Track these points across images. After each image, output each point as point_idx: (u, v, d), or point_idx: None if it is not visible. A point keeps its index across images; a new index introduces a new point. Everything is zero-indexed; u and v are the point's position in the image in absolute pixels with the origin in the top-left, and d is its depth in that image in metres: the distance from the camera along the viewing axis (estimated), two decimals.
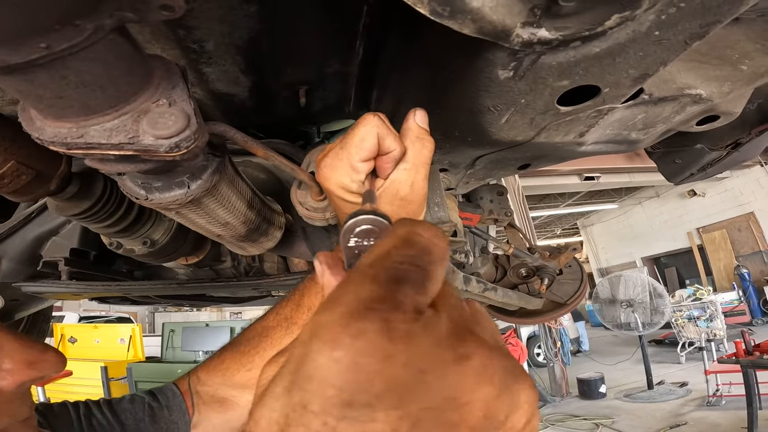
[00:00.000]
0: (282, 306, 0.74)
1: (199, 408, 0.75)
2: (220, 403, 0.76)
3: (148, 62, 0.47)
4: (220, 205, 0.69)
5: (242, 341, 0.77)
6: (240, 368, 0.75)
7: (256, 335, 0.76)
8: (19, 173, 0.63)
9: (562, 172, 9.31)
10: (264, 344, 0.74)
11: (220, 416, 0.77)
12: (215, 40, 0.75)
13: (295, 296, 0.72)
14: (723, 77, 0.81)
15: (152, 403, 0.72)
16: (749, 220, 12.12)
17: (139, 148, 0.45)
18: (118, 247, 0.94)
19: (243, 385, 0.76)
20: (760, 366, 4.45)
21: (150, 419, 0.71)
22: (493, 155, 0.95)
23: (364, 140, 0.51)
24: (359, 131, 0.51)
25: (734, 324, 9.65)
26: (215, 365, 0.78)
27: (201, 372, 0.79)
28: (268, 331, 0.74)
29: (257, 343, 0.75)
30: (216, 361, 0.79)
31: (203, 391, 0.77)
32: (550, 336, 7.69)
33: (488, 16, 0.43)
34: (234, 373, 0.76)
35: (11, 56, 0.35)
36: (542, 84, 0.60)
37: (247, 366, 0.75)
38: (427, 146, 0.55)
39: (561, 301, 1.71)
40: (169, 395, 0.74)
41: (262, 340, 0.74)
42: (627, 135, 0.89)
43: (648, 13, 0.49)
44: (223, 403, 0.76)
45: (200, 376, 0.78)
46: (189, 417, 0.73)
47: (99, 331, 7.39)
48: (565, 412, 6.58)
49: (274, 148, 0.67)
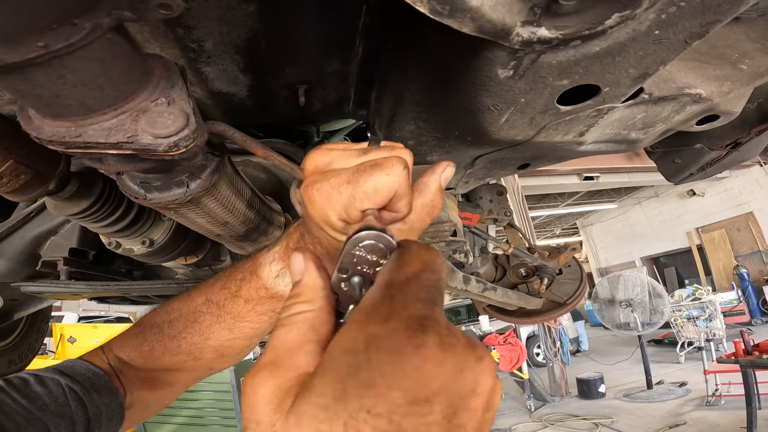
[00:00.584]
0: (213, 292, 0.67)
1: (128, 387, 0.69)
2: (148, 383, 0.71)
3: (147, 61, 0.47)
4: (219, 204, 0.69)
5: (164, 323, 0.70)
6: (165, 352, 0.69)
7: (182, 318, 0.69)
8: (18, 172, 0.63)
9: (562, 172, 9.31)
10: (192, 329, 0.68)
11: (150, 394, 0.72)
12: (214, 39, 0.75)
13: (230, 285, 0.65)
14: (723, 77, 0.81)
15: (72, 385, 0.63)
16: (748, 219, 12.13)
17: (138, 148, 0.45)
18: (117, 247, 0.93)
19: (169, 368, 0.71)
20: (760, 366, 4.45)
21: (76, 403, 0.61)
22: (493, 155, 0.95)
23: (377, 192, 0.41)
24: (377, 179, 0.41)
25: (733, 324, 9.66)
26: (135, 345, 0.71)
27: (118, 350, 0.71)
28: (197, 316, 0.68)
29: (183, 327, 0.68)
30: (135, 342, 0.71)
31: (126, 370, 0.70)
32: (549, 336, 7.70)
33: (488, 14, 0.43)
34: (158, 356, 0.70)
35: (9, 55, 0.34)
36: (542, 83, 0.60)
37: (172, 351, 0.69)
38: (433, 213, 0.48)
39: (560, 300, 1.71)
40: (90, 375, 0.66)
41: (189, 325, 0.68)
42: (627, 134, 0.89)
43: (648, 12, 0.49)
44: (151, 383, 0.71)
45: (119, 354, 0.71)
46: (122, 398, 0.67)
47: (98, 331, 7.38)
48: (565, 411, 6.59)
49: (274, 147, 0.66)
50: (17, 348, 1.84)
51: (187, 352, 0.68)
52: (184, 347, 0.68)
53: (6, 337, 1.78)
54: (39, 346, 2.01)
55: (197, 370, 0.72)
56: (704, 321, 7.71)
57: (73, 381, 0.63)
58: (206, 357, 0.69)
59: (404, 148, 0.45)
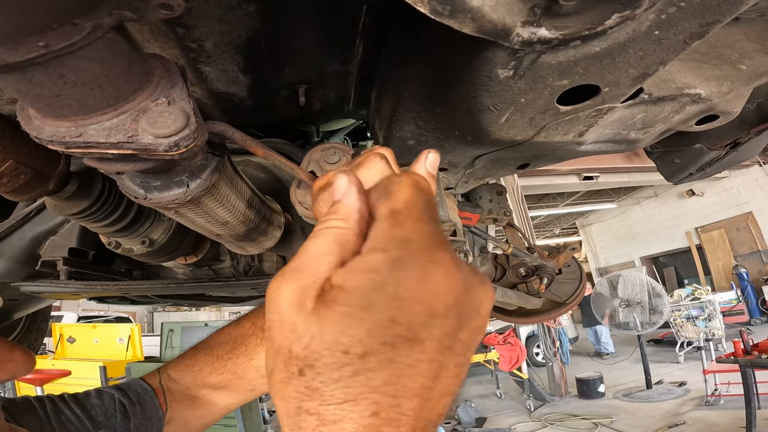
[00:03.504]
0: (257, 317, 0.76)
1: (171, 404, 0.76)
2: (192, 401, 0.78)
3: (147, 61, 0.47)
4: (219, 204, 0.69)
5: (215, 345, 0.79)
6: (213, 371, 0.77)
7: (231, 341, 0.77)
8: (18, 172, 0.63)
9: (561, 172, 9.32)
10: (238, 351, 0.76)
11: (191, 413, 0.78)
12: (214, 39, 0.75)
13: None
14: (722, 77, 0.81)
15: (122, 399, 0.71)
16: (748, 219, 12.15)
17: (138, 147, 0.45)
18: (116, 247, 0.93)
19: (214, 386, 0.78)
20: (759, 365, 4.46)
21: (122, 415, 0.70)
22: (493, 154, 0.95)
23: None
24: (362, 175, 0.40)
25: (732, 323, 9.68)
26: (187, 365, 0.80)
27: (171, 370, 0.80)
28: (244, 339, 0.76)
29: (231, 348, 0.76)
30: (188, 361, 0.80)
31: (175, 388, 0.78)
32: (549, 335, 7.70)
33: (488, 15, 0.43)
34: (206, 375, 0.78)
35: (9, 55, 0.34)
36: (542, 83, 0.60)
37: (219, 370, 0.77)
38: None
39: (560, 300, 1.71)
40: (140, 391, 0.74)
41: (236, 347, 0.76)
42: (626, 134, 0.89)
43: (648, 12, 0.49)
44: (194, 401, 0.78)
45: (171, 374, 0.79)
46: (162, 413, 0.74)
47: (98, 331, 7.38)
48: (564, 411, 6.59)
49: (274, 147, 0.67)
50: None
51: (232, 371, 0.75)
52: (230, 367, 0.75)
53: (5, 336, 1.78)
54: (38, 346, 2.01)
55: (240, 389, 0.78)
56: (703, 321, 7.72)
57: (125, 395, 0.72)
58: (249, 376, 0.76)
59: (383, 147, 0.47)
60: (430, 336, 0.28)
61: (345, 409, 0.27)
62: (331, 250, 0.32)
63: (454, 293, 0.29)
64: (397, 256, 0.29)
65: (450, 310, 0.28)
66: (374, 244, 0.31)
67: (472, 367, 7.84)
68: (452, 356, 0.29)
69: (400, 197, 0.33)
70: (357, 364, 0.27)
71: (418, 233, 0.30)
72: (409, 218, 0.31)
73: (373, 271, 0.29)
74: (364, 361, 0.27)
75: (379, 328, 0.27)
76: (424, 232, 0.30)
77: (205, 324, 6.84)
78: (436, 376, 0.29)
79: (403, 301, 0.28)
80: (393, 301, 0.28)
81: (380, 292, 0.28)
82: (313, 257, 0.32)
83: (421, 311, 0.28)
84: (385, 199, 0.33)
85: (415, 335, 0.28)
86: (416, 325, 0.28)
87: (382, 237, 0.31)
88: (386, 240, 0.30)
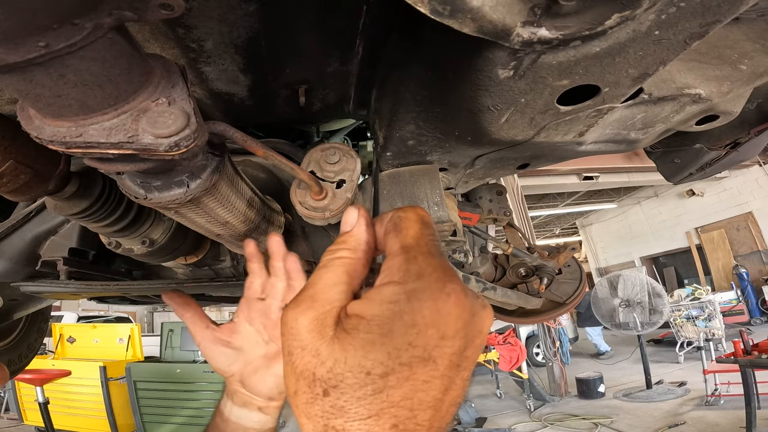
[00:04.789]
0: None
1: None
2: None
3: (148, 61, 0.47)
4: (219, 204, 0.69)
5: None
6: None
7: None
8: (18, 172, 0.63)
9: (561, 172, 9.32)
10: None
11: None
12: (215, 39, 0.75)
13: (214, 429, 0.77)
14: (722, 77, 0.81)
15: None
16: (748, 219, 12.15)
17: (139, 147, 0.45)
18: (117, 247, 0.93)
19: None
20: (759, 365, 4.45)
21: None
22: (493, 154, 0.95)
23: None
24: None
25: (732, 323, 9.68)
26: None
27: None
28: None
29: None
30: None
31: None
32: (549, 335, 7.70)
33: (488, 15, 0.43)
34: None
35: (10, 55, 0.34)
36: (542, 83, 0.60)
37: None
38: None
39: (560, 300, 1.71)
40: None
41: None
42: (626, 135, 0.89)
43: (648, 12, 0.49)
44: None
45: None
46: None
47: (98, 331, 7.37)
48: (564, 411, 6.59)
49: (274, 147, 0.67)
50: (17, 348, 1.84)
51: None
52: None
53: (6, 337, 1.78)
54: (38, 346, 2.01)
55: None
56: (703, 321, 7.72)
57: None
58: None
59: None
60: (442, 355, 0.32)
61: (369, 423, 0.31)
62: (342, 280, 0.36)
63: (462, 318, 0.32)
64: (413, 288, 0.32)
65: (458, 332, 0.32)
66: (390, 277, 0.34)
67: None
68: (459, 371, 0.33)
69: (410, 233, 0.36)
70: (378, 383, 0.31)
71: (431, 267, 0.34)
72: (421, 253, 0.35)
73: (392, 302, 0.32)
74: (384, 380, 0.31)
75: (398, 351, 0.31)
76: (437, 266, 0.34)
77: None
78: (446, 389, 0.32)
79: (419, 327, 0.31)
80: (410, 327, 0.31)
81: (399, 320, 0.31)
82: (325, 287, 0.36)
83: (435, 335, 0.31)
84: (396, 235, 0.37)
85: (429, 355, 0.31)
86: (430, 346, 0.31)
87: (398, 271, 0.34)
88: (402, 274, 0.34)
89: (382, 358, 0.31)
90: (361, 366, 0.31)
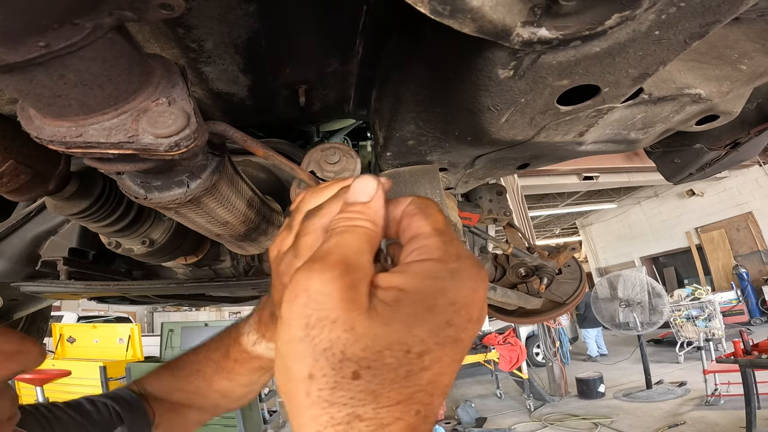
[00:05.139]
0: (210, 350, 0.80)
1: (157, 410, 0.81)
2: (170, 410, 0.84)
3: (148, 61, 0.47)
4: (219, 204, 0.69)
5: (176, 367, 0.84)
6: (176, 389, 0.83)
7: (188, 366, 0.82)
8: (18, 172, 0.63)
9: (561, 172, 9.32)
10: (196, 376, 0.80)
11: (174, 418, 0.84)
12: (215, 39, 0.75)
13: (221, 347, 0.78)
14: (722, 77, 0.82)
15: (115, 406, 0.76)
16: (748, 219, 12.15)
17: (139, 147, 0.45)
18: (117, 247, 0.93)
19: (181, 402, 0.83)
20: (759, 365, 4.46)
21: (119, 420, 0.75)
22: (493, 154, 0.95)
23: None
24: None
25: (732, 323, 9.68)
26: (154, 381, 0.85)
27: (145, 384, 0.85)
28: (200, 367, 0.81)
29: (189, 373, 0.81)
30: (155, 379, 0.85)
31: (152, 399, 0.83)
32: (549, 335, 7.70)
33: (488, 15, 0.43)
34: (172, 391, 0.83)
35: (10, 55, 0.34)
36: (542, 83, 0.60)
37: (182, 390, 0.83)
38: None
39: (560, 300, 1.71)
40: (128, 398, 0.79)
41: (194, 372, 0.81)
42: (626, 134, 0.89)
43: (648, 12, 0.49)
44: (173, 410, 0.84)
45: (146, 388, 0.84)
46: (151, 419, 0.79)
47: (98, 331, 7.37)
48: (564, 411, 6.59)
49: (274, 147, 0.67)
50: None
51: (194, 392, 0.81)
52: (191, 388, 0.81)
53: None
54: None
55: (205, 407, 0.84)
56: (703, 321, 7.72)
57: (117, 403, 0.77)
58: (212, 397, 0.81)
59: None
60: (466, 338, 0.31)
61: (398, 410, 0.28)
62: (365, 249, 0.33)
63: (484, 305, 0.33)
64: (455, 267, 0.32)
65: (480, 317, 0.33)
66: (428, 254, 0.33)
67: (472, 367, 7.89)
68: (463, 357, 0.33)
69: (440, 218, 0.36)
70: (414, 364, 0.29)
71: (466, 252, 0.34)
72: (452, 237, 0.34)
73: (436, 278, 0.31)
74: (420, 360, 0.29)
75: (437, 329, 0.30)
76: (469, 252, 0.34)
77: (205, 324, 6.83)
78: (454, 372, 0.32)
79: (457, 306, 0.31)
80: (451, 305, 0.31)
81: (443, 297, 0.31)
82: (354, 252, 0.32)
83: (465, 316, 0.31)
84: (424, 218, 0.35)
85: (459, 336, 0.31)
86: (461, 327, 0.31)
87: (436, 250, 0.33)
88: (442, 253, 0.33)
89: (424, 335, 0.29)
90: (403, 343, 0.28)
